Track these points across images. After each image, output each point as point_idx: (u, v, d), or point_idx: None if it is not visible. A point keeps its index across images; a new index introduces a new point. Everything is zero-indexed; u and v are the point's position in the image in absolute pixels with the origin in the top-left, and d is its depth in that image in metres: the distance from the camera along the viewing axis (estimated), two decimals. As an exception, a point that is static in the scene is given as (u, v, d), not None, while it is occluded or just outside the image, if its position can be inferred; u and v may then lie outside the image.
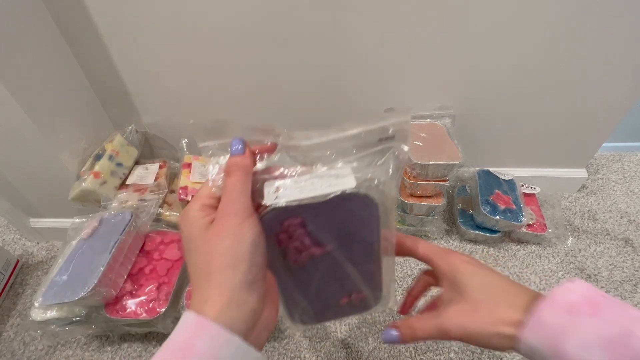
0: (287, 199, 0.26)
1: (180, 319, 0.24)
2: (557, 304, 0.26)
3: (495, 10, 0.61)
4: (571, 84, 0.70)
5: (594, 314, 0.24)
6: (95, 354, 0.67)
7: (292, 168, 0.28)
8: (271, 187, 0.27)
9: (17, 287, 0.80)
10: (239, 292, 0.24)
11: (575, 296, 0.26)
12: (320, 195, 0.26)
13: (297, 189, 0.27)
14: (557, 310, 0.25)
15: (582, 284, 0.26)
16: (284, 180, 0.28)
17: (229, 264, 0.24)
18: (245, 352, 0.24)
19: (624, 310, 0.25)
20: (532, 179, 0.86)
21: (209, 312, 0.23)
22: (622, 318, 0.24)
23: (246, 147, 0.27)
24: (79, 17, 0.64)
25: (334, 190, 0.26)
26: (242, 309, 0.24)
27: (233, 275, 0.24)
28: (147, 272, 0.62)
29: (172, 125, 0.82)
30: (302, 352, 0.65)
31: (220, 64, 0.70)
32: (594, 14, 0.60)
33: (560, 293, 0.26)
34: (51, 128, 0.65)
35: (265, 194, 0.27)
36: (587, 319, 0.24)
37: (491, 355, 0.63)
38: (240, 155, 0.27)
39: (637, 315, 0.24)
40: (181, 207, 0.74)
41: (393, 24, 0.63)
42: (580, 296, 0.26)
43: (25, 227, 0.85)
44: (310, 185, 0.27)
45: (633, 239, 0.78)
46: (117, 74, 0.73)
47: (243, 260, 0.24)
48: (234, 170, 0.26)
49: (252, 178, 0.27)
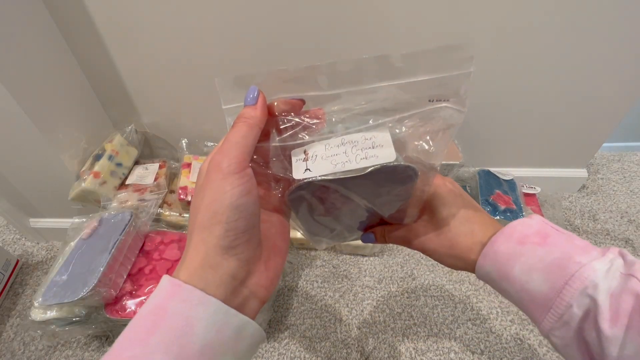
0: (319, 173, 0.24)
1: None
2: (510, 236, 0.28)
3: (495, 9, 0.61)
4: (571, 83, 0.70)
5: (541, 243, 0.26)
6: (95, 354, 0.67)
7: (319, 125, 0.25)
8: (299, 155, 0.25)
9: (17, 287, 0.80)
10: (212, 256, 0.22)
11: (528, 229, 0.28)
12: (355, 168, 0.23)
13: (328, 159, 0.24)
14: (510, 240, 0.28)
15: (537, 219, 0.28)
16: (313, 147, 0.24)
17: (206, 224, 0.22)
18: (227, 314, 0.22)
19: (569, 240, 0.26)
20: (532, 179, 0.86)
21: (182, 274, 0.22)
22: (565, 246, 0.26)
23: (259, 98, 0.24)
24: (79, 17, 0.64)
25: (372, 164, 0.23)
26: (217, 272, 0.22)
27: (208, 237, 0.22)
28: (146, 272, 0.62)
29: (171, 125, 0.82)
30: (302, 352, 0.65)
31: (220, 64, 0.70)
32: (594, 13, 0.60)
33: (515, 226, 0.28)
34: (51, 128, 0.65)
35: (294, 165, 0.24)
36: (533, 247, 0.26)
37: (491, 355, 0.63)
38: (250, 107, 0.24)
39: (580, 244, 0.26)
40: (181, 207, 0.74)
41: (393, 21, 0.63)
42: (533, 229, 0.28)
43: (25, 227, 0.85)
44: (343, 155, 0.24)
45: (633, 239, 0.78)
46: (117, 74, 0.73)
47: (218, 223, 0.22)
48: (237, 121, 0.24)
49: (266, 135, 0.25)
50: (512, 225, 0.29)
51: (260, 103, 0.24)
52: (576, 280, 0.24)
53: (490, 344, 0.64)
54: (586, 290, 0.23)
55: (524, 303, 0.27)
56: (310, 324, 0.69)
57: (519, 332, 0.66)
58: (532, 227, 0.28)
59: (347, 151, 0.24)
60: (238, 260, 0.23)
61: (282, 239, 0.28)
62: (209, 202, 0.22)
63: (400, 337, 0.66)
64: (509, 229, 0.28)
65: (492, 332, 0.66)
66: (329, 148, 0.24)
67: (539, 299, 0.25)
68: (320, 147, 0.24)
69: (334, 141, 0.24)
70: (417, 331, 0.67)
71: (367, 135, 0.24)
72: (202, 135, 0.82)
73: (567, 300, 0.24)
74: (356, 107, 0.25)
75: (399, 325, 0.68)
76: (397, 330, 0.67)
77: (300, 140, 0.25)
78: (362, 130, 0.24)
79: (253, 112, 0.24)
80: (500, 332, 0.66)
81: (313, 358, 0.64)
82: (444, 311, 0.69)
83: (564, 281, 0.24)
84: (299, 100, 0.25)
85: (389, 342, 0.66)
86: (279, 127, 0.25)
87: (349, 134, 0.24)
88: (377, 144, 0.24)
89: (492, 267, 0.28)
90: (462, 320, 0.68)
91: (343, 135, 0.24)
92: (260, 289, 0.25)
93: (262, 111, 0.24)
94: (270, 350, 0.66)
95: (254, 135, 0.24)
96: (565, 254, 0.25)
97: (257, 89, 0.25)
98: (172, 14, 0.63)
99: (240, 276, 0.24)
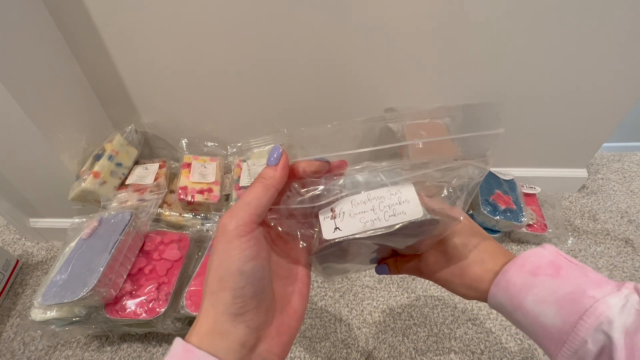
0: (349, 233, 0.24)
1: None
2: (522, 266, 0.28)
3: (495, 10, 0.61)
4: (571, 83, 0.70)
5: (554, 275, 0.26)
6: (95, 354, 0.67)
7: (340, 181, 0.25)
8: (327, 214, 0.25)
9: (17, 287, 0.80)
10: (221, 323, 0.22)
11: (540, 260, 0.27)
12: (384, 226, 0.24)
13: (357, 216, 0.24)
14: (522, 271, 0.27)
15: (551, 249, 0.28)
16: (339, 204, 0.24)
17: (214, 290, 0.22)
18: None
19: (583, 272, 0.26)
20: (533, 179, 0.86)
21: (194, 337, 0.22)
22: (578, 279, 0.26)
23: (281, 158, 0.24)
24: (79, 17, 0.64)
25: (400, 221, 0.24)
26: (226, 340, 0.22)
27: (216, 303, 0.22)
28: (146, 272, 0.62)
29: (171, 125, 0.82)
30: (302, 352, 0.65)
31: (220, 63, 0.70)
32: (593, 13, 0.60)
33: (528, 256, 0.28)
34: (51, 128, 0.65)
35: (322, 224, 0.24)
36: (547, 279, 0.26)
37: (491, 355, 0.63)
38: (271, 167, 0.24)
39: (594, 277, 0.25)
40: (181, 207, 0.74)
41: (394, 23, 0.63)
42: (546, 260, 0.27)
43: (25, 227, 0.85)
44: (371, 212, 0.24)
45: (633, 239, 0.78)
46: (117, 74, 0.73)
47: (225, 289, 0.22)
48: (255, 181, 0.24)
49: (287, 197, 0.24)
50: (525, 256, 0.28)
51: (282, 164, 0.24)
52: (590, 316, 0.23)
53: (490, 344, 0.64)
54: (601, 326, 0.23)
55: (537, 335, 0.26)
56: (310, 324, 0.69)
57: (519, 332, 0.66)
58: (544, 257, 0.27)
59: (374, 208, 0.24)
60: (247, 328, 0.22)
61: (299, 297, 0.27)
62: (216, 266, 0.22)
63: (400, 337, 0.66)
64: (522, 259, 0.28)
65: (492, 332, 0.66)
66: (355, 204, 0.24)
67: (553, 333, 0.25)
68: (347, 204, 0.24)
69: (359, 197, 0.24)
70: (417, 331, 0.67)
71: (393, 191, 0.24)
72: (202, 135, 0.82)
73: (582, 335, 0.23)
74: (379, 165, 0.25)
75: (399, 325, 0.68)
76: (397, 330, 0.67)
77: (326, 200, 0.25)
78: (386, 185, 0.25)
79: (272, 172, 0.24)
80: (500, 332, 0.66)
81: (313, 358, 0.64)
82: (444, 311, 0.69)
83: (577, 316, 0.24)
84: (324, 162, 0.25)
85: (389, 342, 0.66)
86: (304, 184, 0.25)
87: (374, 190, 0.24)
88: (403, 200, 0.24)
89: (505, 297, 0.28)
90: (462, 320, 0.68)
91: (369, 191, 0.24)
92: (271, 355, 0.24)
93: (283, 172, 0.24)
94: (270, 350, 0.66)
95: (269, 197, 0.23)
96: (579, 287, 0.25)
97: (280, 149, 0.24)
98: (172, 14, 0.63)
99: (250, 344, 0.23)
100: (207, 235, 0.70)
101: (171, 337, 0.68)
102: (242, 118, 0.80)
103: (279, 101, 0.76)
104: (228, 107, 0.78)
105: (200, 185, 0.74)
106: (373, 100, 0.74)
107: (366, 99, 0.74)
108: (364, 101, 0.75)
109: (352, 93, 0.73)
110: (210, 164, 0.78)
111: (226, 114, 0.79)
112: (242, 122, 0.81)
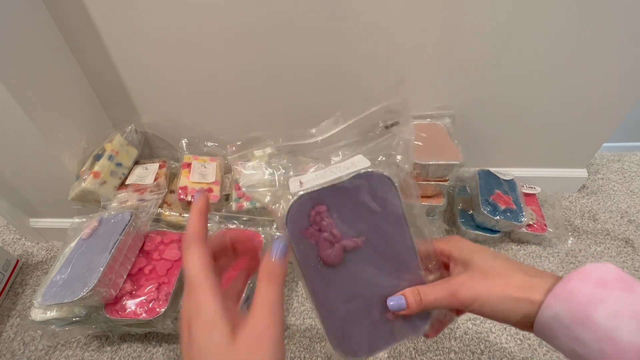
0: (311, 185, 0.28)
1: None
2: (587, 277, 0.25)
3: (495, 10, 0.61)
4: (571, 83, 0.70)
5: (626, 289, 0.24)
6: (95, 354, 0.67)
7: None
8: (295, 182, 0.29)
9: (17, 287, 0.80)
10: None
11: (606, 273, 0.25)
12: (339, 177, 0.28)
13: (318, 179, 0.29)
14: (587, 282, 0.25)
15: (613, 266, 0.25)
16: (305, 175, 0.30)
17: None
18: None
19: None
20: (533, 179, 0.86)
21: None
22: None
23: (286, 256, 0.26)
24: (79, 17, 0.64)
25: (351, 171, 0.29)
26: None
27: None
28: (146, 272, 0.62)
29: (171, 125, 0.82)
30: (302, 352, 0.65)
31: (220, 63, 0.70)
32: (593, 13, 0.60)
33: (591, 268, 0.25)
34: (51, 128, 0.65)
35: (291, 187, 0.29)
36: (619, 292, 0.24)
37: (491, 355, 0.63)
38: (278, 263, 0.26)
39: None
40: (181, 207, 0.74)
41: (394, 23, 0.63)
42: (612, 274, 0.25)
43: (25, 227, 0.85)
44: (329, 174, 0.29)
45: (633, 239, 0.78)
46: (117, 74, 0.73)
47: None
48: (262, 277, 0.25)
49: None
50: (589, 267, 0.25)
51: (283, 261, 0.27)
52: None
53: (490, 344, 0.64)
54: None
55: (606, 354, 0.23)
56: (310, 324, 0.69)
57: (519, 331, 0.66)
58: (611, 273, 0.25)
59: (333, 170, 0.29)
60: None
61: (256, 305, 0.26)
62: None
63: (400, 337, 0.66)
64: (586, 269, 0.25)
65: (492, 332, 0.66)
66: (318, 174, 0.30)
67: (630, 351, 0.22)
68: (312, 175, 0.30)
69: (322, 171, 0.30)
70: (417, 331, 0.67)
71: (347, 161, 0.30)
72: (202, 135, 0.82)
73: None
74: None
75: (399, 325, 0.68)
76: (397, 330, 0.67)
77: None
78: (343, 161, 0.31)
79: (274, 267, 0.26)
80: (500, 332, 0.66)
81: (313, 358, 0.64)
82: (444, 311, 0.69)
83: None
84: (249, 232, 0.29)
85: (389, 342, 0.66)
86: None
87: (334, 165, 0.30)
88: (355, 162, 0.30)
89: (565, 309, 0.24)
90: (462, 320, 0.68)
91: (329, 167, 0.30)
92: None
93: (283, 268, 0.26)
94: (270, 350, 0.66)
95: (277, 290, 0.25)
96: None
97: (283, 247, 0.27)
98: (172, 14, 0.63)
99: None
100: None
101: (171, 337, 0.68)
102: (242, 118, 0.80)
103: (279, 101, 0.76)
104: (228, 107, 0.78)
105: (200, 185, 0.74)
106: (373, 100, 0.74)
107: (366, 99, 0.74)
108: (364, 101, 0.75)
109: (352, 93, 0.73)
110: (210, 164, 0.78)
111: (226, 114, 0.79)
112: (242, 122, 0.81)
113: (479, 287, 0.28)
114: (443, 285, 0.29)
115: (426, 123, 0.74)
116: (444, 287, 0.29)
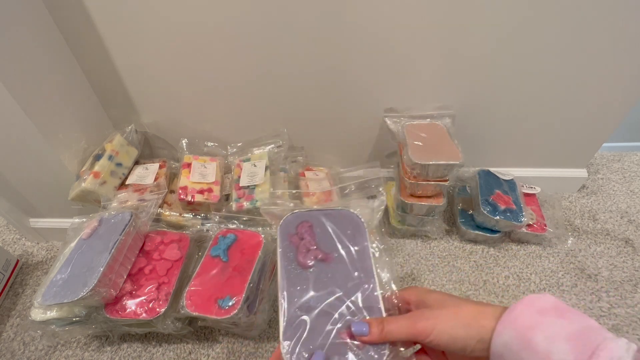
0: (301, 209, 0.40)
1: None
2: (529, 305, 0.28)
3: (495, 10, 0.61)
4: (571, 83, 0.70)
5: (560, 315, 0.27)
6: (95, 354, 0.67)
7: None
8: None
9: (17, 287, 0.80)
10: None
11: (544, 302, 0.29)
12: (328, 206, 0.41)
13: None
14: (529, 309, 0.28)
15: (551, 296, 0.29)
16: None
17: None
18: None
19: (584, 317, 0.27)
20: (532, 179, 0.86)
21: None
22: (583, 321, 0.27)
23: None
24: (79, 18, 0.64)
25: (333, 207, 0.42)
26: None
27: None
28: (146, 272, 0.62)
29: (171, 125, 0.82)
30: (302, 352, 0.65)
31: (220, 63, 0.70)
32: (594, 13, 0.60)
33: (532, 298, 0.29)
34: (51, 128, 0.65)
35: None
36: (554, 319, 0.27)
37: None
38: None
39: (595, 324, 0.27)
40: (181, 207, 0.74)
41: (394, 23, 0.63)
42: (549, 302, 0.28)
43: (25, 227, 0.85)
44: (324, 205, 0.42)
45: (633, 239, 0.78)
46: (117, 73, 0.73)
47: None
48: None
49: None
50: (530, 297, 0.29)
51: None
52: (604, 349, 0.24)
53: (490, 344, 0.64)
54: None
55: None
56: None
57: None
58: (548, 302, 0.28)
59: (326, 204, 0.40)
60: None
61: None
62: None
63: (400, 337, 0.66)
64: (528, 299, 0.29)
65: (492, 332, 0.66)
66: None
67: None
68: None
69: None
70: (417, 331, 0.67)
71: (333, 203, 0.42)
72: (202, 135, 0.82)
73: None
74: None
75: (399, 325, 0.68)
76: (397, 330, 0.67)
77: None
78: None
79: None
80: (500, 332, 0.66)
81: (313, 358, 0.64)
82: (444, 311, 0.69)
83: (591, 351, 0.24)
84: None
85: (389, 342, 0.66)
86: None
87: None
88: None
89: (512, 335, 0.27)
90: None
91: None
92: None
93: None
94: (271, 350, 0.66)
95: None
96: (587, 325, 0.26)
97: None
98: (173, 14, 0.63)
99: None
100: (207, 235, 0.70)
101: (171, 337, 0.68)
102: (242, 118, 0.80)
103: (279, 101, 0.76)
104: (228, 107, 0.78)
105: (200, 185, 0.74)
106: (373, 100, 0.74)
107: (366, 99, 0.74)
108: (364, 101, 0.75)
109: (352, 92, 0.73)
110: (211, 164, 0.78)
111: (226, 114, 0.79)
112: (242, 122, 0.81)
113: (435, 315, 0.31)
114: (404, 316, 0.33)
115: (426, 123, 0.74)
116: (404, 317, 0.33)
